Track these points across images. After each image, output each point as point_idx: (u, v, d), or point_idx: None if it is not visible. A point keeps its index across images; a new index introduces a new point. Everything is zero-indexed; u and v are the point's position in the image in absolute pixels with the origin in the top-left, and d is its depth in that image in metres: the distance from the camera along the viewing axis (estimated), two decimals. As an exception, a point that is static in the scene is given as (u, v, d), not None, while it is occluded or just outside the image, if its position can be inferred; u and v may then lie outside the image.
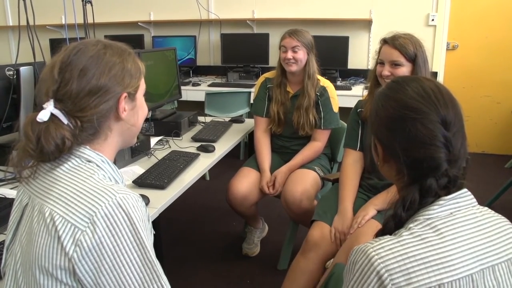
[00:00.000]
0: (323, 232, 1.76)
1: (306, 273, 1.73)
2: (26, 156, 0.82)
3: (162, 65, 2.47)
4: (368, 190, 1.86)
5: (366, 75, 3.82)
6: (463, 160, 0.84)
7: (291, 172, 2.24)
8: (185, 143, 2.21)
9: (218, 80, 4.30)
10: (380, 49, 1.73)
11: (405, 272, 0.73)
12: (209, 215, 3.02)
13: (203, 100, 3.61)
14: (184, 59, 4.38)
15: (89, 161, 0.85)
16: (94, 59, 0.84)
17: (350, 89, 3.72)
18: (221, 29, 4.43)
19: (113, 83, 0.85)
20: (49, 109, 0.81)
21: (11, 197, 1.45)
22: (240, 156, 4.10)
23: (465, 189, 0.84)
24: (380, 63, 1.71)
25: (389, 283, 0.73)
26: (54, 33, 4.62)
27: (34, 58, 1.94)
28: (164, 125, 2.34)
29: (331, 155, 2.46)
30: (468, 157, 0.86)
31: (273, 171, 2.27)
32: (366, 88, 1.90)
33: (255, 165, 2.33)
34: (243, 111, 3.69)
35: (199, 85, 4.08)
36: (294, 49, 2.19)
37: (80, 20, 2.40)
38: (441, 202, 0.81)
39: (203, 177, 2.41)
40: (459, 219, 0.80)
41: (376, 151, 0.92)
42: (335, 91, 2.32)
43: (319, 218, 1.81)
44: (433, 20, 3.89)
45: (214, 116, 3.04)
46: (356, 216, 1.71)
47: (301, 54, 2.20)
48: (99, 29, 3.03)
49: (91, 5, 2.34)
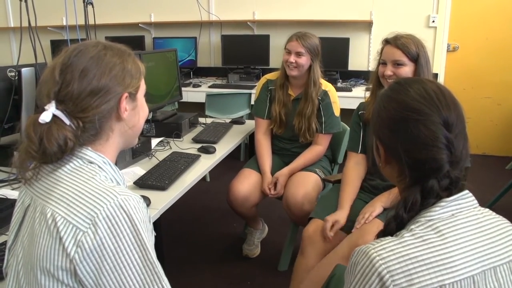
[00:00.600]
0: (318, 227, 1.76)
1: (307, 270, 1.72)
2: (29, 158, 0.82)
3: (163, 67, 2.48)
4: (370, 192, 1.85)
5: (367, 77, 3.83)
6: (464, 161, 0.84)
7: (292, 175, 2.24)
8: (185, 144, 2.21)
9: (219, 82, 4.31)
10: (382, 49, 1.73)
11: (406, 273, 0.74)
12: (210, 216, 3.02)
13: (204, 101, 3.61)
14: (185, 60, 4.39)
15: (91, 162, 0.85)
16: (95, 60, 0.84)
17: (350, 90, 3.72)
18: (222, 31, 4.43)
19: (114, 83, 0.85)
20: (51, 110, 0.81)
21: (13, 198, 1.45)
22: (241, 158, 4.11)
23: (466, 191, 0.84)
24: (382, 63, 1.71)
25: (391, 284, 0.73)
26: (55, 34, 4.62)
27: (36, 59, 1.94)
28: (165, 126, 2.35)
29: (331, 156, 2.46)
30: (469, 158, 0.86)
31: (274, 172, 2.27)
32: (368, 90, 1.90)
33: (256, 166, 2.33)
34: (243, 112, 3.70)
35: (199, 86, 4.08)
36: (298, 54, 2.17)
37: (81, 22, 2.41)
38: (442, 204, 0.81)
39: (203, 178, 2.41)
40: (460, 220, 0.80)
41: (378, 152, 0.92)
42: (336, 94, 2.30)
43: (316, 216, 1.81)
44: (433, 21, 3.89)
45: (214, 118, 3.05)
46: (363, 211, 1.69)
47: (304, 60, 2.18)
48: (100, 30, 3.03)
49: (92, 7, 2.35)
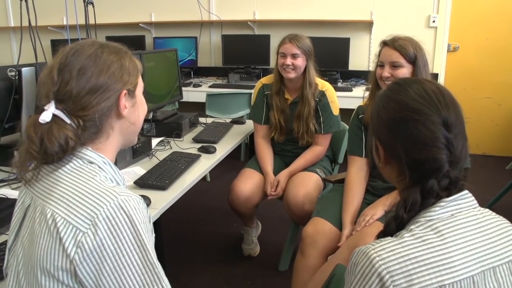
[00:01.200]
0: (317, 226, 1.76)
1: (307, 270, 1.72)
2: (30, 158, 0.82)
3: (163, 66, 2.48)
4: (372, 193, 1.85)
5: (367, 77, 3.83)
6: (464, 161, 0.84)
7: (292, 176, 2.24)
8: (186, 144, 2.21)
9: (219, 81, 4.31)
10: (380, 51, 1.73)
11: (406, 273, 0.74)
12: (210, 216, 3.02)
13: (204, 101, 3.62)
14: (185, 60, 4.39)
15: (91, 162, 0.85)
16: (92, 59, 0.84)
17: (351, 90, 3.72)
18: (222, 30, 4.43)
19: (112, 80, 0.85)
20: (50, 110, 0.81)
21: (13, 197, 1.45)
22: (241, 157, 4.11)
23: (466, 191, 0.84)
24: (380, 65, 1.71)
25: (390, 284, 0.73)
26: (56, 34, 4.62)
27: (36, 59, 1.95)
28: (165, 126, 2.35)
29: (332, 156, 2.46)
30: (468, 158, 0.86)
31: (275, 173, 2.26)
32: (367, 89, 1.89)
33: (257, 166, 2.33)
34: (244, 112, 3.69)
35: (200, 86, 4.08)
36: (294, 56, 2.15)
37: (82, 21, 2.41)
38: (442, 204, 0.81)
39: (203, 178, 2.42)
40: (460, 220, 0.80)
41: (378, 152, 0.92)
42: (334, 94, 2.28)
43: (317, 214, 1.81)
44: (434, 21, 3.89)
45: (215, 117, 3.05)
46: (364, 213, 1.68)
47: (300, 61, 2.16)
48: (100, 30, 3.03)
49: (93, 6, 2.35)
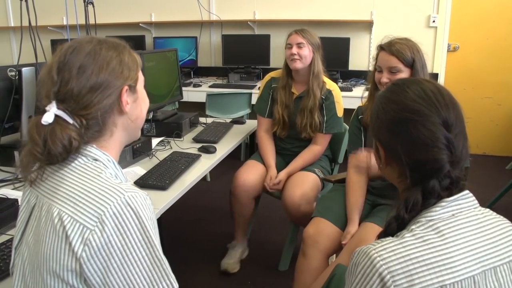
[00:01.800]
0: (318, 227, 1.76)
1: (309, 271, 1.72)
2: (33, 160, 0.82)
3: (164, 66, 2.48)
4: (371, 193, 1.85)
5: (367, 77, 3.83)
6: (464, 161, 0.84)
7: (290, 176, 2.24)
8: (186, 144, 2.21)
9: (219, 81, 4.31)
10: (377, 55, 1.72)
11: (407, 273, 0.74)
12: (210, 216, 3.02)
13: (204, 101, 3.61)
14: (185, 60, 4.39)
15: (96, 159, 0.85)
16: (91, 56, 0.84)
17: (351, 90, 3.72)
18: (222, 30, 4.43)
19: (112, 77, 0.85)
20: (52, 111, 0.80)
21: (13, 197, 1.45)
22: (241, 157, 4.10)
23: (467, 191, 0.84)
24: (378, 70, 1.69)
25: (391, 284, 0.73)
26: (56, 34, 4.62)
27: (36, 59, 1.95)
28: (165, 126, 2.35)
29: (332, 156, 2.46)
30: (469, 158, 0.86)
31: (277, 170, 2.28)
32: (367, 90, 1.89)
33: (261, 159, 2.34)
34: (244, 112, 3.69)
35: (200, 86, 4.08)
36: (299, 45, 2.18)
37: (82, 21, 2.41)
38: (443, 204, 0.81)
39: (204, 178, 2.41)
40: (461, 220, 0.80)
41: (378, 153, 0.92)
42: (340, 95, 2.29)
43: (318, 215, 1.81)
44: (434, 21, 3.89)
45: (215, 117, 3.04)
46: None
47: (306, 51, 2.18)
48: (100, 30, 3.03)
49: (93, 6, 2.35)
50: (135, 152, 1.92)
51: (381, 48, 1.70)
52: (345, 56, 3.93)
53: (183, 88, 2.89)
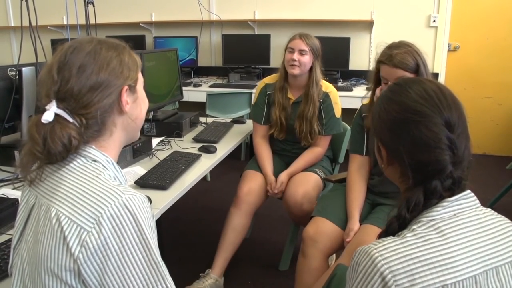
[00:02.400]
0: (318, 226, 1.76)
1: (310, 271, 1.72)
2: (33, 159, 0.82)
3: (164, 66, 2.48)
4: (371, 191, 1.85)
5: (368, 76, 3.83)
6: (467, 161, 0.84)
7: (292, 177, 2.23)
8: (186, 144, 2.21)
9: (219, 81, 4.31)
10: (378, 68, 1.66)
11: (408, 273, 0.73)
12: (210, 216, 3.02)
13: (205, 101, 3.61)
14: (186, 60, 4.39)
15: (95, 160, 0.85)
16: (91, 55, 0.84)
17: (351, 90, 3.72)
18: (223, 30, 4.43)
19: (112, 76, 0.85)
20: (52, 110, 0.80)
21: (13, 197, 1.45)
22: (241, 157, 4.11)
23: (468, 191, 0.84)
24: (385, 82, 1.64)
25: (393, 284, 0.73)
26: (56, 33, 4.62)
27: (36, 58, 1.95)
28: (165, 125, 2.34)
29: (332, 156, 2.46)
30: (470, 158, 0.86)
31: (275, 173, 2.26)
32: (369, 90, 1.88)
33: (257, 167, 2.32)
34: (244, 112, 3.69)
35: (200, 86, 4.08)
36: (301, 52, 2.16)
37: (82, 21, 2.41)
38: (444, 204, 0.81)
39: (204, 178, 2.41)
40: (462, 220, 0.80)
41: (380, 153, 0.92)
42: (338, 96, 2.28)
43: (318, 214, 1.81)
44: (434, 21, 3.89)
45: (215, 117, 3.04)
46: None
47: (306, 59, 2.17)
48: (100, 29, 3.03)
49: (93, 6, 2.35)
50: (135, 151, 1.92)
51: (382, 62, 1.63)
52: (345, 56, 3.93)
53: (183, 88, 2.89)
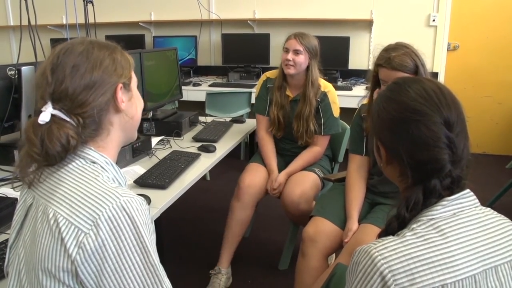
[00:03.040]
0: (317, 226, 1.76)
1: (309, 271, 1.72)
2: (31, 161, 0.81)
3: (163, 65, 2.47)
4: (370, 191, 1.85)
5: (367, 76, 3.83)
6: (466, 160, 0.84)
7: (290, 176, 2.23)
8: (186, 143, 2.21)
9: (219, 80, 4.30)
10: (377, 71, 1.65)
11: (408, 272, 0.73)
12: (210, 215, 3.02)
13: (204, 100, 3.61)
14: (185, 59, 4.38)
15: (94, 162, 0.85)
16: (84, 55, 0.84)
17: (350, 89, 3.72)
18: (222, 29, 4.43)
19: (106, 75, 0.85)
20: (48, 110, 0.80)
21: (12, 196, 1.45)
22: (241, 156, 4.11)
23: (468, 190, 0.84)
24: (384, 84, 1.64)
25: (393, 283, 0.73)
26: (55, 33, 4.62)
27: (36, 57, 1.95)
28: (165, 125, 2.34)
29: (332, 155, 2.46)
30: (470, 157, 0.86)
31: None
32: (367, 89, 1.89)
33: (261, 161, 2.33)
34: (243, 111, 3.69)
35: (199, 85, 4.08)
36: (296, 52, 2.16)
37: (81, 20, 2.41)
38: (444, 203, 0.81)
39: (203, 177, 2.40)
40: (462, 219, 0.80)
41: (379, 152, 0.92)
42: (336, 95, 2.27)
43: (317, 214, 1.81)
44: (434, 20, 3.89)
45: (214, 116, 3.04)
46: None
47: (301, 58, 2.16)
48: (100, 29, 3.03)
49: (92, 5, 2.35)
50: (134, 151, 1.92)
51: (380, 66, 1.63)
52: (345, 55, 3.93)
53: (183, 87, 2.89)
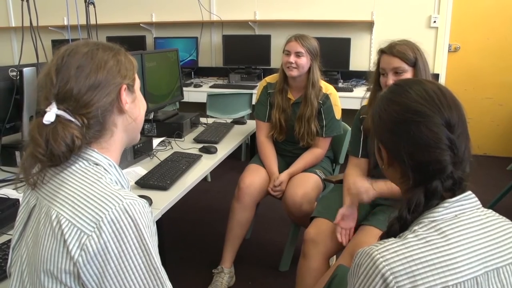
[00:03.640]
0: (319, 227, 1.76)
1: (311, 273, 1.72)
2: (36, 162, 0.82)
3: (164, 66, 2.48)
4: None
5: (368, 77, 3.83)
6: (467, 161, 0.84)
7: (291, 177, 2.23)
8: (187, 144, 2.21)
9: (220, 82, 4.31)
10: (379, 60, 1.69)
11: (410, 274, 0.73)
12: (211, 216, 3.02)
13: (205, 101, 3.61)
14: (186, 60, 4.39)
15: (97, 164, 0.85)
16: (88, 56, 0.85)
17: (351, 90, 3.72)
18: (223, 31, 4.43)
19: (110, 75, 0.86)
20: (53, 111, 0.81)
21: (14, 197, 1.45)
22: (242, 158, 4.11)
23: (469, 192, 0.84)
24: (383, 73, 1.67)
25: (394, 285, 0.73)
26: (57, 34, 4.63)
27: (37, 59, 1.95)
28: (166, 126, 2.34)
29: (333, 157, 2.46)
30: (471, 159, 0.86)
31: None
32: (368, 90, 1.89)
33: (261, 163, 2.33)
34: (244, 112, 3.69)
35: (200, 86, 4.08)
36: (298, 54, 2.16)
37: (83, 21, 2.41)
38: (446, 205, 0.81)
39: (204, 179, 2.41)
40: (463, 221, 0.80)
41: (380, 154, 0.92)
42: (338, 97, 2.28)
43: (318, 214, 1.81)
44: (435, 22, 3.89)
45: (216, 118, 3.04)
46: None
47: (303, 60, 2.16)
48: (101, 30, 3.03)
49: (94, 6, 2.35)
50: (136, 152, 1.92)
51: (382, 51, 1.67)
52: (345, 57, 3.93)
53: (184, 89, 2.89)
